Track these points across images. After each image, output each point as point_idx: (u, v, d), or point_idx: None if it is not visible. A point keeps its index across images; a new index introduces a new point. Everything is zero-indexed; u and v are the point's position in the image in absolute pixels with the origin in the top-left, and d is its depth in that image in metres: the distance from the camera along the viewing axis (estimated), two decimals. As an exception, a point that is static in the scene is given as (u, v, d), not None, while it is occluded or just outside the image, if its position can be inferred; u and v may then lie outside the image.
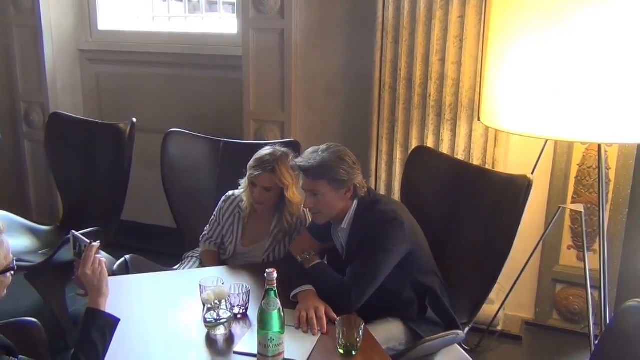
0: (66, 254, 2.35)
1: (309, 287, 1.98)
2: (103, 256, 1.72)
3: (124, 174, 2.94)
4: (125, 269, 2.35)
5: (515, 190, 2.15)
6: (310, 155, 2.02)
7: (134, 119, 2.98)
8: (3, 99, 4.12)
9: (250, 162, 2.30)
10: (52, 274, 2.68)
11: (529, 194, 2.12)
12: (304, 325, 1.85)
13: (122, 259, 2.39)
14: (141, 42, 3.85)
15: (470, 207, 2.33)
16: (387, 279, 1.98)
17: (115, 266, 2.34)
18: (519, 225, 2.12)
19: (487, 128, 2.76)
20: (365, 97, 3.02)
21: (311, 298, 1.94)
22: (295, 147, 2.56)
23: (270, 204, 2.32)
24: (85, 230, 2.36)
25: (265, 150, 2.32)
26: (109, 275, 1.71)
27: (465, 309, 2.22)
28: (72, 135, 3.20)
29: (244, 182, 2.39)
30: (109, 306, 1.66)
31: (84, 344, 1.56)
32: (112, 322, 1.63)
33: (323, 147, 2.04)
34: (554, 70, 2.08)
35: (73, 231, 1.83)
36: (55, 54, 3.92)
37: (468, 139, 2.82)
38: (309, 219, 2.34)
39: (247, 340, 1.79)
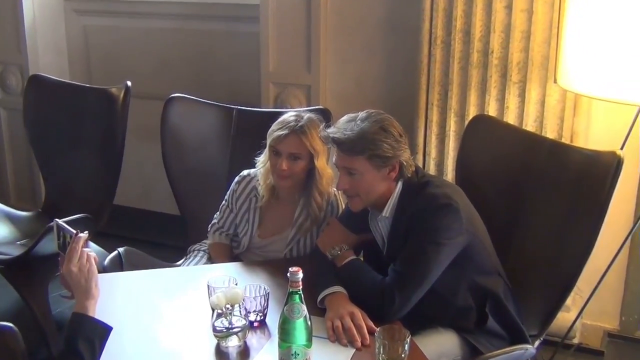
0: (48, 245, 2.39)
1: (338, 289, 1.99)
2: (92, 249, 1.74)
3: (117, 150, 2.94)
4: (118, 265, 2.36)
5: (600, 170, 2.12)
6: (346, 124, 2.02)
7: (129, 83, 2.98)
8: (-26, 59, 4.19)
9: (272, 127, 2.32)
10: (33, 270, 2.73)
11: (618, 176, 2.08)
12: (340, 337, 1.85)
13: (115, 252, 2.40)
14: (138, -12, 3.90)
15: (542, 191, 2.30)
16: (439, 281, 1.98)
17: (106, 261, 2.35)
18: (604, 216, 2.08)
19: (564, 92, 2.73)
20: (412, 54, 3.00)
21: (343, 303, 1.94)
22: (325, 116, 2.56)
23: (297, 179, 2.32)
24: (71, 218, 2.41)
25: (291, 114, 2.34)
26: (100, 273, 1.75)
27: (536, 317, 2.20)
28: (55, 103, 3.23)
29: (262, 157, 2.40)
30: (100, 310, 1.67)
31: (69, 356, 1.58)
32: (102, 331, 1.64)
33: (362, 114, 2.04)
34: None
35: (57, 219, 1.85)
36: (36, 4, 3.95)
37: (540, 105, 2.80)
38: (342, 204, 2.37)
39: (265, 355, 1.79)
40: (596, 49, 2.19)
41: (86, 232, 1.77)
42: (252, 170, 2.47)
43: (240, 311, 1.84)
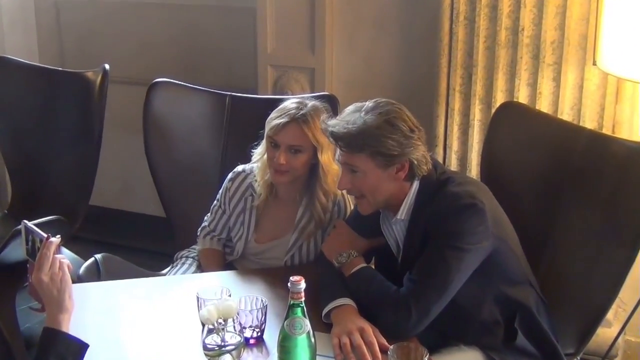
0: (16, 251, 2.36)
1: (346, 301, 1.99)
2: (65, 256, 1.74)
3: (94, 142, 2.95)
4: (95, 274, 2.37)
5: (646, 165, 2.14)
6: (349, 115, 2.02)
7: (107, 66, 2.98)
8: None
9: (271, 115, 2.32)
10: (-2, 279, 2.72)
11: (666, 171, 2.10)
12: (348, 355, 1.84)
13: (92, 259, 2.41)
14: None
15: (579, 189, 2.30)
16: (462, 292, 1.97)
17: (81, 269, 2.36)
18: (651, 216, 2.10)
19: (605, 76, 2.72)
20: (431, 32, 2.99)
21: (351, 317, 1.94)
22: (332, 104, 2.55)
23: (297, 175, 2.32)
24: (42, 220, 2.37)
25: (292, 101, 2.35)
26: (74, 282, 1.75)
27: (572, 333, 2.21)
28: (23, 88, 3.23)
29: (259, 149, 2.40)
30: (74, 325, 1.68)
31: (39, 377, 1.59)
32: (77, 348, 1.65)
33: (369, 104, 2.03)
34: None
35: (25, 221, 1.86)
36: (0, -26, 3.96)
37: (578, 91, 2.80)
38: (350, 205, 2.37)
39: (263, 376, 1.80)
40: (642, 26, 2.19)
41: (58, 236, 1.77)
42: (247, 166, 2.47)
43: (234, 326, 1.81)
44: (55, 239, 1.74)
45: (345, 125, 1.98)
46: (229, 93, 2.92)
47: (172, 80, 2.91)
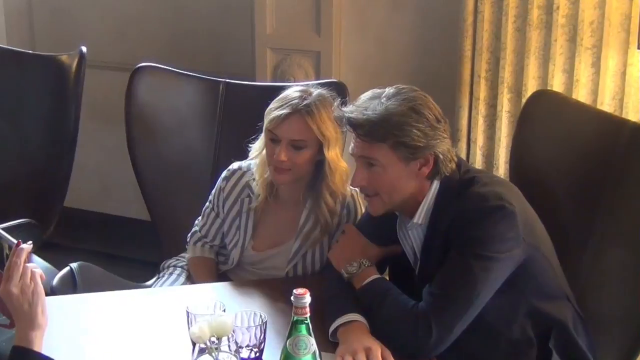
0: (-19, 260, 2.38)
1: (355, 317, 1.99)
2: (38, 264, 1.73)
3: (69, 136, 2.95)
4: (71, 285, 2.38)
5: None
6: (367, 102, 2.02)
7: (84, 49, 2.97)
8: None
9: (271, 105, 2.32)
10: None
11: None
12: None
13: (67, 268, 2.41)
14: None
15: (623, 189, 2.29)
16: (489, 306, 1.98)
17: (55, 280, 2.36)
18: None
19: (652, 61, 2.74)
20: (453, 10, 3.01)
21: (359, 335, 1.94)
22: (340, 92, 2.53)
23: (300, 173, 2.32)
24: (11, 223, 2.43)
25: (295, 89, 2.35)
26: (47, 295, 1.74)
27: (613, 354, 2.19)
28: (-12, 74, 3.24)
29: (257, 143, 2.41)
30: (47, 343, 1.67)
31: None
32: (50, 369, 1.65)
33: (390, 90, 2.03)
34: None
35: (-8, 226, 1.85)
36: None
37: (620, 78, 2.80)
38: (362, 207, 2.38)
39: (262, 401, 1.80)
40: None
41: (30, 242, 1.76)
42: (244, 162, 2.47)
43: (229, 345, 1.79)
44: (27, 246, 1.73)
45: (364, 112, 1.99)
46: (223, 80, 2.93)
47: (158, 65, 2.92)
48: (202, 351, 1.78)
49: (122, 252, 3.35)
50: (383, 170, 2.01)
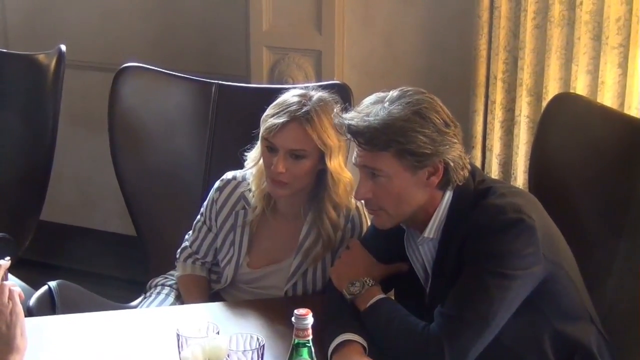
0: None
1: (348, 336, 1.99)
2: (15, 283, 1.76)
3: (46, 142, 2.94)
4: (49, 305, 2.36)
5: None
6: (370, 107, 2.01)
7: (63, 47, 2.97)
8: None
9: (267, 110, 2.31)
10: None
11: None
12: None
13: (45, 287, 2.40)
14: None
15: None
16: (507, 328, 1.96)
17: (32, 300, 2.34)
18: None
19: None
20: (467, 6, 3.02)
21: (353, 357, 1.95)
22: (343, 95, 2.54)
23: (300, 185, 2.32)
24: None
25: (293, 93, 2.33)
26: (26, 316, 1.75)
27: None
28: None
29: (253, 152, 2.40)
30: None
31: None
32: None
33: (394, 93, 2.01)
34: None
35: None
36: None
37: None
38: (367, 221, 2.38)
39: None
40: None
41: (8, 258, 1.77)
42: (239, 172, 2.47)
43: (224, 372, 1.81)
44: (4, 262, 1.75)
45: (365, 118, 1.97)
46: (215, 81, 2.93)
47: (144, 65, 2.92)
48: (193, 378, 1.78)
49: (105, 270, 3.41)
50: (388, 181, 2.00)
